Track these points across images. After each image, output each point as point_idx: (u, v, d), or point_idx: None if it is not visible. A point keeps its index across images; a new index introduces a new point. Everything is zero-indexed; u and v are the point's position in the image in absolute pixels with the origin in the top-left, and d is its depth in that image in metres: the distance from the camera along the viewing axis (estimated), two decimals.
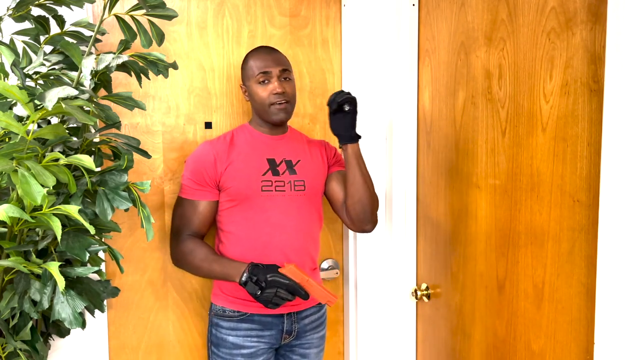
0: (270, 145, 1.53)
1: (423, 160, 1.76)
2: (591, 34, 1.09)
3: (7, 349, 1.12)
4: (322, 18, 1.80)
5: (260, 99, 1.47)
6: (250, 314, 1.45)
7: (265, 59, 1.47)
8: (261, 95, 1.46)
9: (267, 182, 1.47)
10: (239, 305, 1.46)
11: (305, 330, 1.52)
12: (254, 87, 1.48)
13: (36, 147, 0.95)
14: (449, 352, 1.64)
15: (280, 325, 1.48)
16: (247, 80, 1.50)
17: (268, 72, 1.45)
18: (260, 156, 1.50)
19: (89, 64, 1.07)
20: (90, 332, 1.49)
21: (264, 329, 1.46)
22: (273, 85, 1.45)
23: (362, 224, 1.52)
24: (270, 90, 1.45)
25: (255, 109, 1.51)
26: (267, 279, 1.33)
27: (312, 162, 1.57)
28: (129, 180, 1.10)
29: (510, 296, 1.35)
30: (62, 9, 1.21)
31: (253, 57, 1.49)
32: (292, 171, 1.51)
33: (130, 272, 1.59)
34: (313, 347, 1.55)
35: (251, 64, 1.48)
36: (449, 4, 1.59)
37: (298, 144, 1.57)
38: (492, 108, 1.39)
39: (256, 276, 1.34)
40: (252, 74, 1.48)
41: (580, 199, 1.13)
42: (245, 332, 1.45)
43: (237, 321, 1.46)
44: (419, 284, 1.81)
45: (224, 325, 1.47)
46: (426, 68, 1.73)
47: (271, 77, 1.46)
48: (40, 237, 1.10)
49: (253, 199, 1.46)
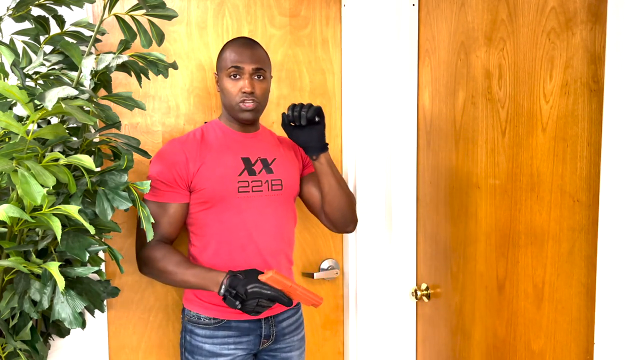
0: (244, 143, 1.46)
1: (423, 160, 1.76)
2: (591, 34, 1.09)
3: (7, 349, 1.12)
4: (322, 18, 1.80)
5: (228, 94, 1.40)
6: (227, 320, 1.40)
7: (240, 52, 1.39)
8: (230, 90, 1.39)
9: (244, 183, 1.41)
10: (215, 312, 1.40)
11: (283, 333, 1.48)
12: (224, 80, 1.40)
13: (36, 147, 0.95)
14: (449, 352, 1.64)
15: (258, 330, 1.43)
16: (219, 71, 1.43)
17: (240, 68, 1.38)
18: (234, 155, 1.43)
19: (89, 64, 1.07)
20: (90, 332, 1.49)
21: (241, 335, 1.41)
22: (243, 82, 1.38)
23: (344, 226, 1.53)
24: (239, 87, 1.38)
25: (224, 103, 1.44)
26: (247, 291, 1.25)
27: (287, 161, 1.52)
28: (129, 180, 1.10)
29: (510, 296, 1.35)
30: (62, 9, 1.21)
31: (229, 48, 1.41)
32: (268, 170, 1.46)
33: (130, 272, 1.59)
34: (295, 350, 1.51)
35: (226, 55, 1.41)
36: (449, 4, 1.59)
37: (271, 142, 1.52)
38: (492, 108, 1.39)
39: (235, 289, 1.26)
40: (224, 65, 1.40)
41: (580, 199, 1.13)
42: (222, 339, 1.39)
43: (213, 329, 1.40)
44: (419, 284, 1.81)
45: (199, 333, 1.40)
46: (426, 68, 1.73)
47: (243, 73, 1.38)
48: (40, 237, 1.10)
49: (229, 201, 1.39)
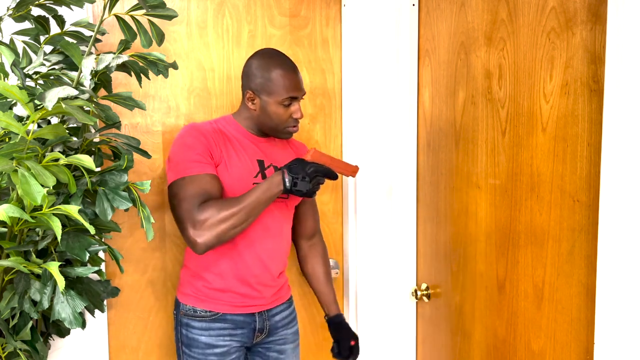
0: (259, 147, 1.47)
1: (423, 160, 1.76)
2: (591, 34, 1.09)
3: (7, 349, 1.12)
4: (322, 18, 1.80)
5: (278, 119, 1.40)
6: (223, 313, 1.42)
7: (296, 82, 1.39)
8: (282, 116, 1.39)
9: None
10: (211, 305, 1.42)
11: (277, 327, 1.51)
12: (273, 107, 1.39)
13: (36, 147, 0.95)
14: (449, 352, 1.64)
15: (252, 323, 1.46)
16: (264, 95, 1.38)
17: (296, 98, 1.40)
18: (251, 156, 1.44)
19: (89, 64, 1.07)
20: (90, 332, 1.49)
21: (236, 328, 1.44)
22: (295, 108, 1.40)
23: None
24: (291, 113, 1.40)
25: (261, 122, 1.43)
26: (308, 172, 1.31)
27: None
28: (129, 180, 1.10)
29: (510, 296, 1.35)
30: (62, 9, 1.21)
31: (281, 76, 1.37)
32: None
33: (130, 272, 1.59)
34: (289, 343, 1.54)
35: (278, 81, 1.37)
36: (449, 4, 1.59)
37: (282, 149, 1.53)
38: (492, 108, 1.39)
39: (298, 174, 1.30)
40: (276, 92, 1.37)
41: (580, 199, 1.13)
42: (218, 331, 1.42)
43: (209, 321, 1.42)
44: (419, 284, 1.81)
45: (196, 326, 1.42)
46: (426, 68, 1.73)
47: (296, 101, 1.40)
48: (40, 237, 1.10)
49: None
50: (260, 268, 1.43)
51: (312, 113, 1.81)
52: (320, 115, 1.82)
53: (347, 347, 1.56)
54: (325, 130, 1.83)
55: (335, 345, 1.57)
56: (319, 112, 1.82)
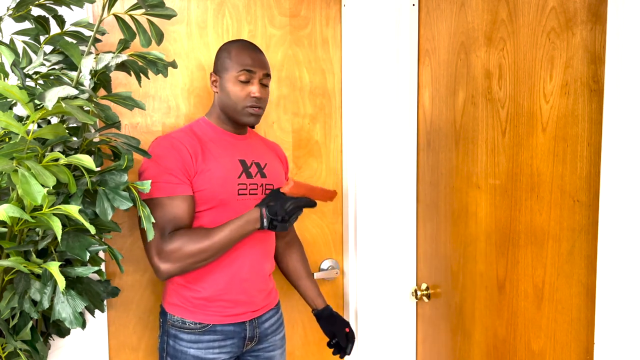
0: (237, 145, 1.44)
1: (423, 160, 1.76)
2: (591, 34, 1.09)
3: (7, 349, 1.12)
4: (322, 18, 1.80)
5: (235, 98, 1.37)
6: (213, 324, 1.38)
7: (252, 57, 1.38)
8: (238, 94, 1.37)
9: (243, 185, 1.39)
10: (200, 316, 1.38)
11: (266, 334, 1.48)
12: (229, 84, 1.37)
13: (36, 147, 0.95)
14: (449, 352, 1.64)
15: (242, 332, 1.42)
16: (223, 72, 1.38)
17: (252, 72, 1.37)
18: (232, 156, 1.40)
19: (88, 63, 1.07)
20: (90, 332, 1.49)
21: (226, 339, 1.40)
22: (253, 87, 1.37)
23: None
24: (248, 92, 1.37)
25: (223, 105, 1.40)
26: (288, 210, 1.30)
27: (276, 166, 1.52)
28: (129, 180, 1.10)
29: (510, 296, 1.35)
30: (62, 9, 1.21)
31: (237, 51, 1.38)
32: (262, 174, 1.45)
33: (130, 272, 1.59)
34: (277, 349, 1.52)
35: (234, 58, 1.37)
36: (449, 4, 1.59)
37: (261, 146, 1.52)
38: (492, 108, 1.39)
39: (277, 214, 1.29)
40: (230, 67, 1.37)
41: (580, 199, 1.13)
42: (207, 344, 1.38)
43: (199, 333, 1.37)
44: (419, 284, 1.81)
45: (184, 338, 1.38)
46: (426, 68, 1.73)
47: (253, 78, 1.37)
48: (40, 237, 1.10)
49: (228, 204, 1.36)
50: (250, 271, 1.41)
51: (312, 113, 1.81)
52: (320, 115, 1.82)
53: (344, 335, 1.54)
54: (325, 130, 1.83)
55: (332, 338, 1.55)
56: (319, 112, 1.82)
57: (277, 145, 1.63)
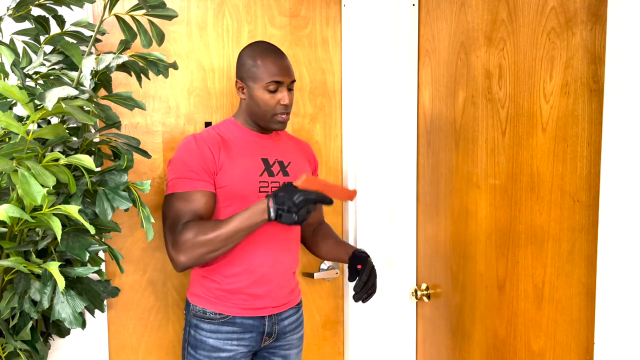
0: (262, 144, 1.47)
1: (423, 160, 1.76)
2: (591, 34, 1.09)
3: (7, 349, 1.12)
4: (322, 18, 1.80)
5: (265, 107, 1.39)
6: (233, 316, 1.41)
7: (279, 66, 1.39)
8: (268, 103, 1.39)
9: (264, 183, 1.42)
10: (221, 307, 1.41)
11: (285, 331, 1.49)
12: (259, 92, 1.39)
13: (36, 147, 0.95)
14: (449, 352, 1.64)
15: (261, 327, 1.44)
16: (250, 81, 1.40)
17: (281, 83, 1.38)
18: (254, 155, 1.43)
19: (89, 64, 1.07)
20: (90, 332, 1.49)
21: (245, 332, 1.42)
22: (282, 95, 1.39)
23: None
24: (278, 100, 1.39)
25: (252, 111, 1.43)
26: (295, 202, 1.26)
27: (301, 165, 1.53)
28: (129, 180, 1.10)
29: (510, 296, 1.35)
30: (62, 9, 1.21)
31: (263, 59, 1.39)
32: (285, 172, 1.46)
33: (130, 272, 1.59)
34: (293, 348, 1.53)
35: (261, 67, 1.38)
36: (449, 4, 1.59)
37: (286, 145, 1.53)
38: (492, 108, 1.39)
39: (284, 205, 1.27)
40: (261, 77, 1.38)
41: (580, 199, 1.13)
42: (226, 335, 1.41)
43: (218, 324, 1.41)
44: (419, 284, 1.81)
45: (205, 327, 1.41)
46: (426, 68, 1.73)
47: (282, 86, 1.39)
48: (40, 237, 1.10)
49: (249, 201, 1.38)
50: (272, 266, 1.42)
51: (312, 113, 1.81)
52: (320, 115, 1.82)
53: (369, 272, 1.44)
54: (325, 130, 1.83)
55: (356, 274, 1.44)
56: (319, 112, 1.82)
57: (307, 145, 1.63)
